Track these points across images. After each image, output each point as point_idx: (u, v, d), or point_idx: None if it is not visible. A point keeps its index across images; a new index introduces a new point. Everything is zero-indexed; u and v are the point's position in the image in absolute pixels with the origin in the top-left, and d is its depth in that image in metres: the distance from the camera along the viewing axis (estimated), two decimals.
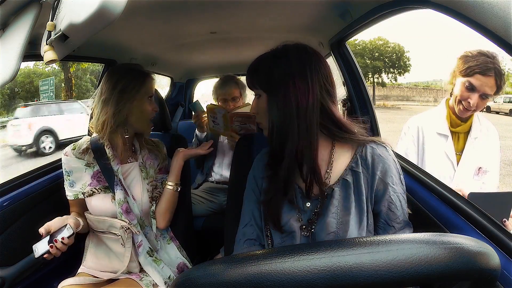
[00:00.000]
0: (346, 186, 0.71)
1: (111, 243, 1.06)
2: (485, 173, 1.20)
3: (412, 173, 1.02)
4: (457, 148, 1.23)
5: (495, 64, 1.09)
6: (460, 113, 1.20)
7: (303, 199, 0.74)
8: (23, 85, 17.06)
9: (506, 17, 0.44)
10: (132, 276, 1.03)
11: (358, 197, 0.71)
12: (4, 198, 1.11)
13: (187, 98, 2.91)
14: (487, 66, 1.08)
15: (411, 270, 0.32)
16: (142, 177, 1.09)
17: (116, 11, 0.46)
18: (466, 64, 1.12)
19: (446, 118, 1.23)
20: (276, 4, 1.12)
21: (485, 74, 1.09)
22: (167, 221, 1.14)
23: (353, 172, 0.72)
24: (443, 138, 1.23)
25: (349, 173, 0.72)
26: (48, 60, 0.52)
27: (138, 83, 1.03)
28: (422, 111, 1.38)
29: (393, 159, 0.73)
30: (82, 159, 1.04)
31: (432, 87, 24.77)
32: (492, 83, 1.09)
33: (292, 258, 0.33)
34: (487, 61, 1.09)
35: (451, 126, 1.23)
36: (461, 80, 1.15)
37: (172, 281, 0.36)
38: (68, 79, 15.22)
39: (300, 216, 0.73)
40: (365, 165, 0.71)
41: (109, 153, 1.04)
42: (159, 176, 1.16)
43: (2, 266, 1.06)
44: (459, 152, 1.22)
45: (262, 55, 0.75)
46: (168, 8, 1.09)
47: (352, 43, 18.07)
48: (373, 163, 0.71)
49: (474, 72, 1.10)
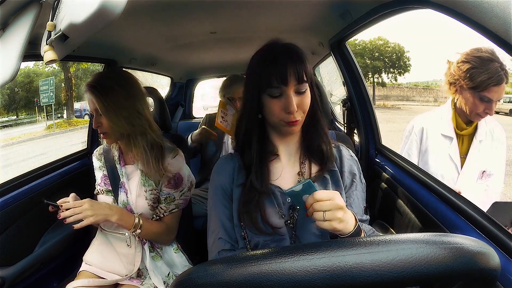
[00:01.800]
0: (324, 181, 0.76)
1: (116, 242, 1.07)
2: (489, 177, 1.16)
3: (412, 173, 1.02)
4: (462, 151, 1.19)
5: (502, 66, 1.03)
6: (475, 119, 1.14)
7: (281, 196, 0.74)
8: (23, 85, 17.07)
9: (506, 17, 0.44)
10: (134, 282, 1.04)
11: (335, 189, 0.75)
12: (4, 198, 1.11)
13: (187, 98, 2.92)
14: (499, 75, 1.02)
15: (411, 270, 0.32)
16: (141, 182, 1.05)
17: (116, 11, 0.46)
18: (477, 79, 1.04)
19: (452, 120, 1.18)
20: (276, 4, 1.12)
21: (500, 84, 1.03)
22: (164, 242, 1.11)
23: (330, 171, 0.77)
24: (447, 140, 1.19)
25: (326, 172, 0.77)
26: (48, 60, 0.52)
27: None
28: (422, 111, 1.35)
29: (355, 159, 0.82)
30: (99, 160, 1.12)
31: (432, 87, 24.75)
32: (504, 86, 1.04)
33: (292, 258, 0.33)
34: (497, 68, 1.02)
35: (457, 129, 1.18)
36: (472, 94, 1.08)
37: (172, 281, 0.36)
38: (68, 79, 15.22)
39: (282, 212, 0.73)
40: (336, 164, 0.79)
41: (115, 155, 1.08)
42: (165, 191, 1.05)
43: (2, 266, 1.06)
44: (463, 155, 1.18)
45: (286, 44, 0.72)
46: (168, 8, 1.09)
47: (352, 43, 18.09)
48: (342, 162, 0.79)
49: (490, 86, 1.03)
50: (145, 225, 1.01)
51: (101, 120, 0.98)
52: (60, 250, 1.28)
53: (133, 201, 1.04)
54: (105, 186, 1.10)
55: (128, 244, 1.03)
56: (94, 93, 0.95)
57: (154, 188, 1.04)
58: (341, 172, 0.78)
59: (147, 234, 1.02)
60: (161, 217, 1.07)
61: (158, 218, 1.06)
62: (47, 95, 13.53)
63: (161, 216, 1.07)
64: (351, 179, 0.78)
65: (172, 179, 1.05)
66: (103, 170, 1.11)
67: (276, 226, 0.71)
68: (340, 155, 0.80)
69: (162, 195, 1.06)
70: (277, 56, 0.69)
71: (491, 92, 1.04)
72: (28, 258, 1.14)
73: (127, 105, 0.98)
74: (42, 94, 13.67)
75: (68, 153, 1.60)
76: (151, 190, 1.04)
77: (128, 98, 0.98)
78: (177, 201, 1.07)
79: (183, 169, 1.07)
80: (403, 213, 1.00)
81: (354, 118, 1.45)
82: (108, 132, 0.99)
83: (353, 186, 0.77)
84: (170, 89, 2.75)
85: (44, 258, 1.20)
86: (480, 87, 1.05)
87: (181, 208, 1.10)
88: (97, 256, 1.09)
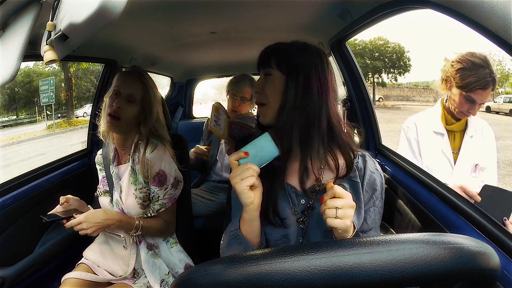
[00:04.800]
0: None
1: (114, 243, 1.08)
2: (482, 170, 1.22)
3: (412, 173, 1.02)
4: (454, 146, 1.26)
5: (491, 74, 1.10)
6: (459, 116, 1.22)
7: (297, 197, 0.74)
8: (23, 85, 17.06)
9: (506, 17, 0.44)
10: (126, 280, 1.05)
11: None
12: (4, 198, 1.11)
13: (187, 98, 2.91)
14: (487, 80, 1.10)
15: (411, 270, 0.32)
16: (130, 181, 1.04)
17: (116, 11, 0.45)
18: (465, 80, 1.13)
19: (441, 118, 1.27)
20: (276, 4, 1.12)
21: (486, 88, 1.11)
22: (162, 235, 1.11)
23: (350, 181, 0.74)
24: (439, 136, 1.26)
25: (346, 181, 0.74)
26: (48, 60, 0.52)
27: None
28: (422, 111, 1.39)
29: (381, 173, 0.76)
30: (100, 162, 1.14)
31: (432, 87, 24.73)
32: (490, 92, 1.12)
33: (292, 258, 0.33)
34: (485, 74, 1.10)
35: (446, 124, 1.26)
36: (460, 92, 1.16)
37: (172, 281, 0.36)
38: (68, 79, 15.22)
39: (295, 209, 0.74)
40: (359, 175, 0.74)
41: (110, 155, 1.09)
42: (152, 189, 1.03)
43: (2, 266, 1.06)
44: (456, 150, 1.25)
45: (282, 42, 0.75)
46: (168, 8, 1.09)
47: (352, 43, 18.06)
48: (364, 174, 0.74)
49: (476, 89, 1.11)
50: (145, 225, 1.01)
51: (125, 105, 0.99)
52: (60, 250, 1.28)
53: (123, 200, 1.05)
54: (104, 187, 1.12)
55: (124, 246, 1.05)
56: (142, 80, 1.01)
57: (143, 186, 1.03)
58: (362, 183, 0.74)
59: (148, 232, 1.04)
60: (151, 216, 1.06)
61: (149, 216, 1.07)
62: (47, 95, 13.53)
63: (150, 216, 1.06)
64: (371, 194, 0.74)
65: (157, 176, 1.02)
66: (102, 172, 1.13)
67: (285, 217, 0.72)
68: (364, 166, 0.75)
69: (151, 194, 1.04)
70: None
71: (476, 94, 1.12)
72: (28, 258, 1.14)
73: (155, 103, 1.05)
74: (42, 94, 13.67)
75: (68, 153, 1.60)
76: (141, 188, 1.03)
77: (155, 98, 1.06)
78: (161, 200, 1.04)
79: (164, 165, 1.03)
80: (403, 213, 1.00)
81: (354, 118, 1.45)
82: (122, 118, 0.99)
83: (370, 201, 0.74)
84: (170, 89, 2.75)
85: (44, 258, 1.21)
86: (467, 88, 1.13)
87: (170, 205, 1.07)
88: (97, 253, 1.10)
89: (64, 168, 1.46)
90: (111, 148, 1.10)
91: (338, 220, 0.58)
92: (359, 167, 0.75)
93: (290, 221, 0.73)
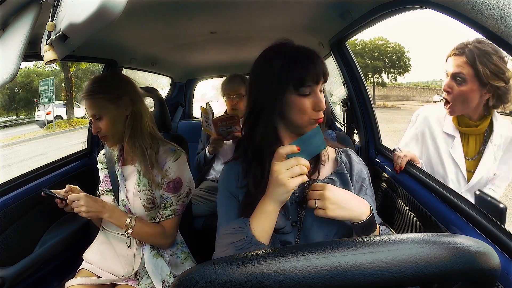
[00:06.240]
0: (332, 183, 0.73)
1: (117, 243, 1.07)
2: (496, 179, 1.10)
3: (412, 173, 1.02)
4: (468, 152, 1.08)
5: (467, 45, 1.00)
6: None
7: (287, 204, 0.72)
8: (23, 85, 17.07)
9: (506, 17, 0.44)
10: (130, 282, 1.04)
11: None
12: (4, 198, 1.11)
13: (187, 98, 2.92)
14: (458, 48, 1.02)
15: (411, 270, 0.32)
16: (137, 182, 1.04)
17: (116, 11, 0.45)
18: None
19: (453, 117, 1.10)
20: (276, 4, 1.12)
21: (455, 55, 1.02)
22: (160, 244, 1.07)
23: (338, 174, 0.77)
24: (449, 138, 1.10)
25: (334, 175, 0.76)
26: (48, 60, 0.52)
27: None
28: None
29: (364, 164, 0.82)
30: (102, 161, 1.15)
31: (432, 87, 24.75)
32: (462, 62, 0.99)
33: (292, 258, 0.33)
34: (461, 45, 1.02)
35: (459, 125, 1.08)
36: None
37: (172, 281, 0.36)
38: (68, 79, 15.21)
39: (287, 214, 0.72)
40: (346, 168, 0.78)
41: (115, 155, 1.10)
42: (164, 195, 1.03)
43: (2, 266, 1.06)
44: (471, 157, 1.08)
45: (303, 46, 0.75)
46: (168, 8, 1.09)
47: (352, 43, 18.07)
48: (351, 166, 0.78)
49: (448, 57, 1.05)
50: (137, 225, 0.99)
51: (99, 125, 0.99)
52: (60, 250, 1.28)
53: (131, 201, 1.05)
54: (106, 186, 1.12)
55: (128, 246, 1.04)
56: (88, 100, 0.98)
57: (147, 188, 1.02)
58: (351, 175, 0.77)
59: (138, 234, 1.01)
60: (158, 221, 1.05)
61: (155, 221, 1.05)
62: (47, 95, 13.51)
63: (157, 221, 1.05)
64: (361, 183, 0.77)
65: (172, 183, 1.03)
66: (105, 170, 1.13)
67: (279, 227, 0.71)
68: (349, 159, 0.80)
69: (162, 200, 1.04)
70: (307, 56, 0.70)
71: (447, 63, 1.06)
72: (28, 258, 1.14)
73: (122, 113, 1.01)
74: (42, 94, 13.65)
75: (68, 153, 1.60)
76: (145, 191, 1.02)
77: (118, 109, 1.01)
78: (174, 206, 1.05)
79: (184, 174, 1.05)
80: (403, 213, 1.00)
81: (354, 118, 1.45)
82: (108, 135, 1.01)
83: (362, 190, 0.77)
84: (170, 89, 2.75)
85: (44, 258, 1.21)
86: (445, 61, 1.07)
87: (178, 214, 1.07)
88: (97, 255, 1.09)
89: (64, 168, 1.46)
90: (116, 148, 1.10)
91: (321, 211, 0.64)
92: (344, 161, 0.79)
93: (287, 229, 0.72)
